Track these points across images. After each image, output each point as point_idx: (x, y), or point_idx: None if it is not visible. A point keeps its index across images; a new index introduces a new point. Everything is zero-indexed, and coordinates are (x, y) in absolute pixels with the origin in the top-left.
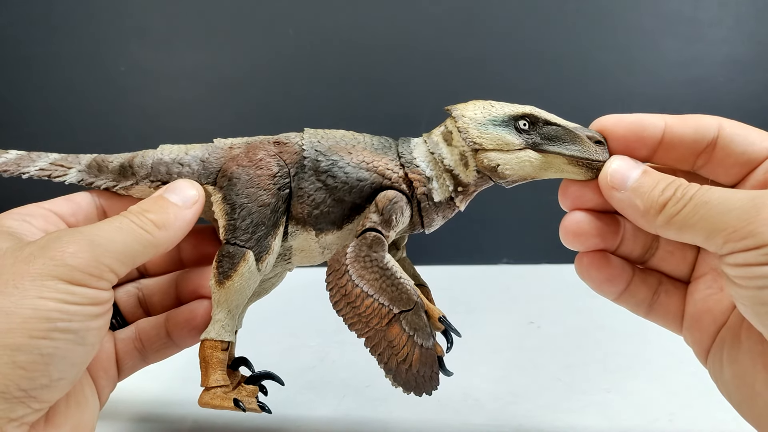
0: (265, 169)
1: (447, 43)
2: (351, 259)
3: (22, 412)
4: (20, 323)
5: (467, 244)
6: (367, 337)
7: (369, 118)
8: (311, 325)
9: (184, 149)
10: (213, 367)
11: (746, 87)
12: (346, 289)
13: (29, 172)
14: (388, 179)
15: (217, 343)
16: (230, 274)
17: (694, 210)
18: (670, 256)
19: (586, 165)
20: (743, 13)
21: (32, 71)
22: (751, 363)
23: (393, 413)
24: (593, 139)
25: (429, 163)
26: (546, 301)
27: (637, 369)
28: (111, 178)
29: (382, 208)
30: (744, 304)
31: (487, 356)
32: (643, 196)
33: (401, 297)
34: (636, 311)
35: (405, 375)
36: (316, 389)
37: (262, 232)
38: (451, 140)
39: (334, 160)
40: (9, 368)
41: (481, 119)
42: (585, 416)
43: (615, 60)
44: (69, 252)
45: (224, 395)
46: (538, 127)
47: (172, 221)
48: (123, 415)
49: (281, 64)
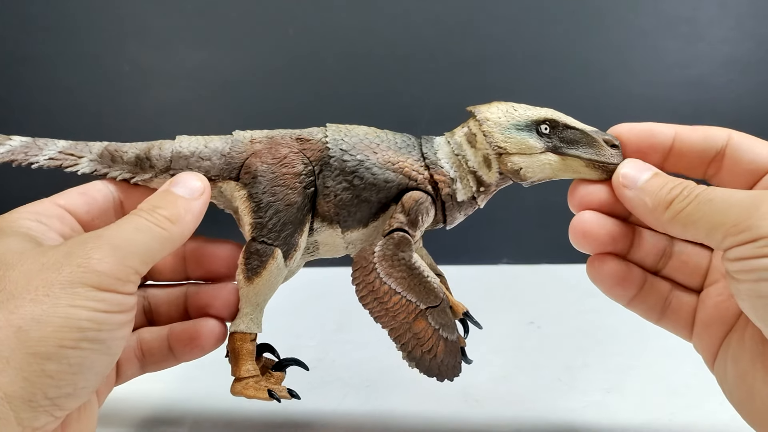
0: (290, 167)
1: (447, 43)
2: (379, 257)
3: (45, 420)
4: (52, 332)
5: (467, 244)
6: (392, 328)
7: (369, 118)
8: (311, 325)
9: (202, 141)
10: (243, 359)
11: (746, 87)
12: (373, 286)
13: (38, 161)
14: (414, 181)
15: (246, 335)
16: (259, 271)
17: (698, 207)
18: (683, 266)
19: (602, 168)
20: (743, 13)
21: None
22: (752, 363)
23: (393, 413)
24: (609, 143)
25: (453, 164)
26: (546, 301)
27: (637, 369)
28: (126, 170)
29: (408, 209)
30: (743, 299)
31: (487, 356)
32: (652, 195)
33: (428, 295)
34: (647, 317)
35: (429, 363)
36: (316, 389)
37: (290, 231)
38: (475, 142)
39: (360, 160)
40: (37, 376)
41: (505, 123)
42: (585, 416)
43: (615, 60)
44: (95, 258)
45: (256, 385)
46: (557, 131)
47: (183, 214)
48: (123, 415)
49: (281, 64)
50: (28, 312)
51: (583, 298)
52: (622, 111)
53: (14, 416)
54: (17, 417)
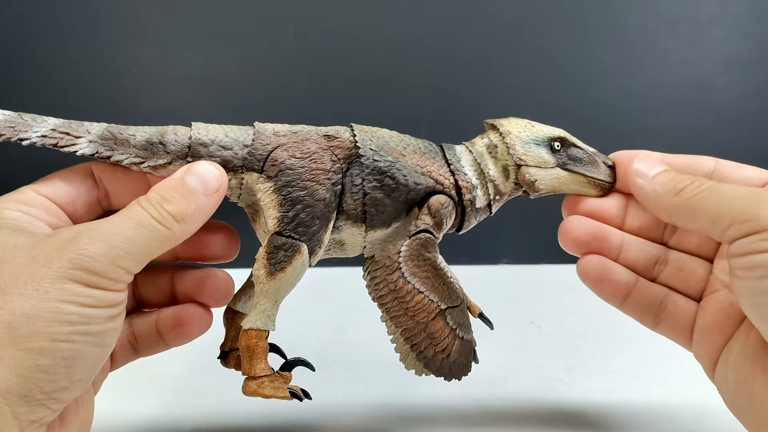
0: (319, 162)
1: (447, 42)
2: (405, 257)
3: (42, 414)
4: (42, 327)
5: (467, 244)
6: (406, 328)
7: (369, 118)
8: (311, 325)
9: (221, 130)
10: (258, 357)
11: (746, 87)
12: (396, 285)
13: (30, 138)
14: (441, 185)
15: (262, 332)
16: (284, 266)
17: (708, 195)
18: (679, 273)
19: (599, 186)
20: (743, 13)
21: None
22: (752, 367)
23: (393, 413)
24: (606, 164)
25: (475, 172)
26: (546, 301)
27: (637, 369)
28: (134, 154)
29: (434, 212)
30: (745, 297)
31: (487, 356)
32: (663, 184)
33: (450, 295)
34: (643, 321)
35: (440, 363)
36: (316, 389)
37: (317, 227)
38: (496, 153)
39: (391, 162)
40: (32, 372)
41: (525, 138)
42: (585, 416)
43: (615, 60)
44: (88, 256)
45: (272, 385)
46: (566, 148)
47: (192, 212)
48: (123, 415)
49: (281, 64)
50: (18, 307)
51: (583, 298)
52: (622, 111)
53: (10, 411)
54: (13, 412)
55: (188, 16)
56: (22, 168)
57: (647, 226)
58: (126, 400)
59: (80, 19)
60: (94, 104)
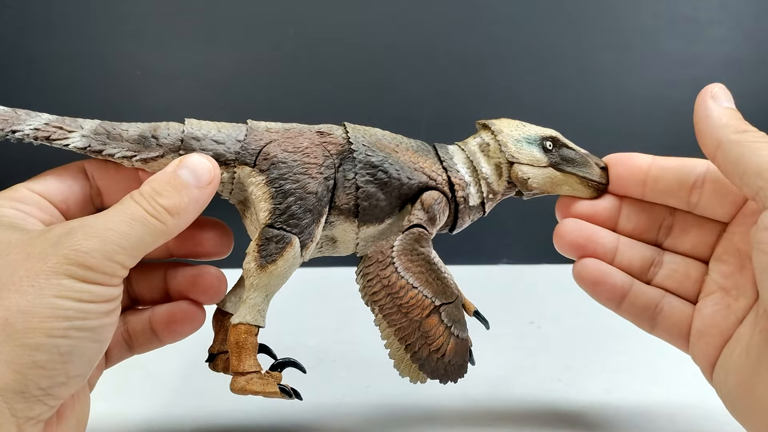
0: (311, 156)
1: (448, 43)
2: (398, 252)
3: (39, 410)
4: (39, 323)
5: (467, 244)
6: (400, 327)
7: (369, 118)
8: (311, 325)
9: (214, 126)
10: (247, 352)
11: (746, 87)
12: (389, 280)
13: (23, 130)
14: (434, 181)
15: (253, 327)
16: (275, 258)
17: (763, 147)
18: (674, 274)
19: (593, 186)
20: (743, 13)
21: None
22: (756, 368)
23: (393, 413)
24: (599, 166)
25: (468, 169)
26: (546, 301)
27: (637, 369)
28: (127, 147)
29: (428, 207)
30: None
31: (487, 356)
32: (731, 116)
33: (445, 290)
34: (640, 324)
35: (435, 364)
36: (316, 389)
37: (309, 220)
38: (489, 151)
39: (384, 157)
40: (28, 368)
41: (517, 136)
42: (585, 416)
43: (615, 60)
44: (82, 251)
45: (261, 381)
46: (558, 148)
47: (185, 206)
48: (122, 414)
49: (281, 64)
50: (14, 303)
51: (582, 298)
52: (622, 111)
53: (7, 407)
54: (11, 409)
55: (188, 16)
56: (22, 168)
57: (641, 227)
58: (125, 400)
59: (80, 19)
60: (94, 104)
